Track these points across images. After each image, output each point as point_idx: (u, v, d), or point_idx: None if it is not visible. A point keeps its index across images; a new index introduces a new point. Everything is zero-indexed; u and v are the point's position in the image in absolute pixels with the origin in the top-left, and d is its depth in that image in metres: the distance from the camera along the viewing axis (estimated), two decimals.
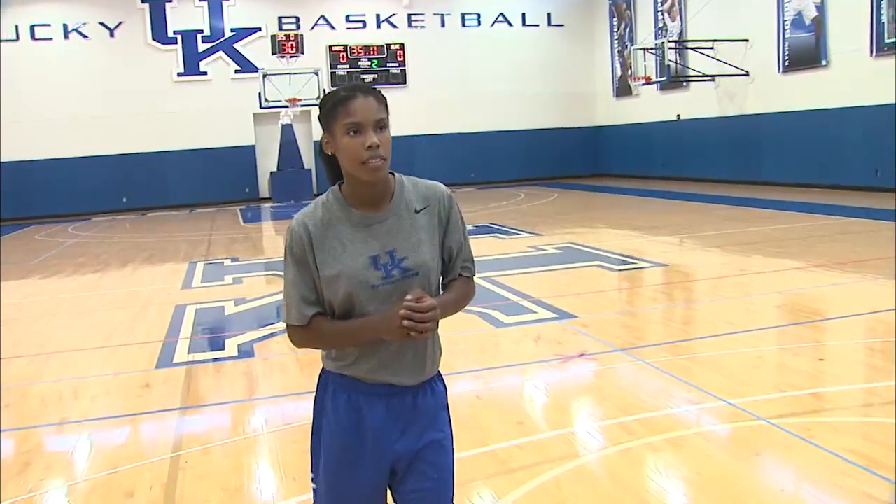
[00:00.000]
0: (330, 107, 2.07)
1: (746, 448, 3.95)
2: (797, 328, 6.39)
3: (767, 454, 3.87)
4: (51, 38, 22.33)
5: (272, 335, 6.97)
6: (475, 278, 2.30)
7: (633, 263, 9.62)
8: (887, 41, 15.16)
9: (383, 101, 2.08)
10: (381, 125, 2.05)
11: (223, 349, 6.57)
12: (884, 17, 15.20)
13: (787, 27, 17.79)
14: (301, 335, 2.15)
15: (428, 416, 2.19)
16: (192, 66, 23.38)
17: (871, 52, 15.54)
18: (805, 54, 17.32)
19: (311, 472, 2.31)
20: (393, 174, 2.16)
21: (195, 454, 4.26)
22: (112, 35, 22.81)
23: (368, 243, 2.09)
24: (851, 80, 16.05)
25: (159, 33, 23.10)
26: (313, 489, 2.32)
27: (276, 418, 4.88)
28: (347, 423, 2.16)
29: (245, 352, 6.41)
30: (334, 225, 2.10)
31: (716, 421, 4.39)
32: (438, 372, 2.25)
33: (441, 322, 2.07)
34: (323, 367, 2.25)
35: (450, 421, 2.28)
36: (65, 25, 22.42)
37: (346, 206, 2.12)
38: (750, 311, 6.99)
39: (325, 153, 2.13)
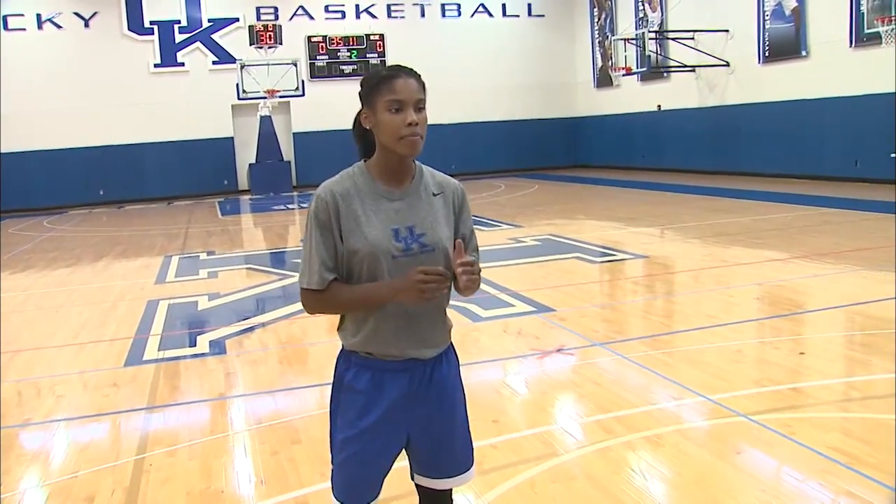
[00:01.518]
0: (374, 83, 2.19)
1: (726, 446, 3.86)
2: (777, 321, 6.32)
3: (748, 452, 3.78)
4: (24, 29, 21.91)
5: (246, 331, 6.85)
6: None
7: (612, 255, 9.54)
8: (867, 32, 15.13)
9: (423, 84, 2.21)
10: (420, 106, 2.18)
11: (195, 346, 6.43)
12: (863, 8, 15.16)
13: (767, 18, 17.75)
14: (318, 299, 2.22)
15: (444, 383, 2.32)
16: (168, 57, 23.05)
17: (851, 42, 15.51)
18: (785, 45, 17.29)
19: (331, 452, 2.35)
20: (413, 161, 2.29)
21: (160, 456, 4.13)
22: (87, 25, 22.45)
23: (390, 216, 2.21)
24: (831, 70, 16.04)
25: (135, 24, 22.76)
26: (332, 470, 2.37)
27: (246, 417, 4.75)
28: (371, 397, 2.24)
29: (217, 348, 6.27)
30: (359, 195, 2.21)
31: (696, 417, 4.31)
32: (452, 345, 2.39)
33: None
34: (343, 349, 2.32)
35: (462, 390, 2.42)
36: (38, 16, 22.02)
37: (371, 180, 2.24)
38: (729, 303, 6.91)
39: (360, 128, 2.26)
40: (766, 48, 17.86)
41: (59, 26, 22.20)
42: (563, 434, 4.19)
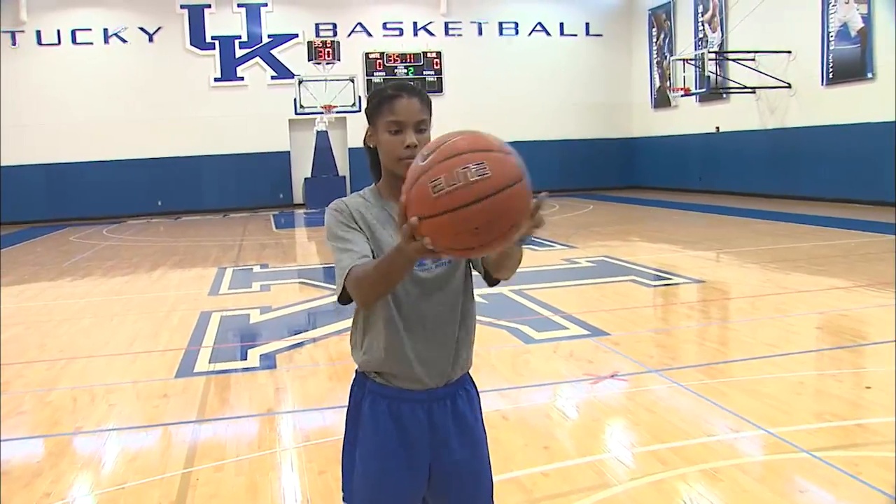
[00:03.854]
0: (375, 103, 2.15)
1: (788, 483, 3.71)
2: (840, 352, 6.11)
3: (811, 491, 3.62)
4: (91, 43, 22.58)
5: (297, 346, 6.84)
6: (505, 289, 2.25)
7: (668, 279, 9.36)
8: None
9: (427, 103, 2.15)
10: (422, 127, 2.12)
11: (245, 359, 6.43)
12: None
13: (831, 39, 17.39)
14: (353, 285, 1.99)
15: (465, 417, 2.21)
16: (228, 72, 23.49)
17: None
18: (850, 67, 16.91)
19: (343, 490, 2.24)
20: None
21: (207, 471, 4.11)
22: (151, 40, 22.99)
23: None
24: None
25: (197, 39, 23.25)
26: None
27: (294, 434, 4.72)
28: (389, 432, 2.15)
29: (267, 362, 6.27)
30: (370, 210, 2.16)
31: (755, 451, 4.15)
32: (470, 376, 2.27)
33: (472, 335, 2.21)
34: (357, 372, 2.22)
35: (483, 424, 2.30)
36: (105, 30, 22.64)
37: (380, 199, 2.18)
38: (790, 332, 6.70)
39: (367, 145, 2.22)
40: (830, 70, 17.48)
41: (124, 40, 22.79)
42: (615, 463, 4.07)
